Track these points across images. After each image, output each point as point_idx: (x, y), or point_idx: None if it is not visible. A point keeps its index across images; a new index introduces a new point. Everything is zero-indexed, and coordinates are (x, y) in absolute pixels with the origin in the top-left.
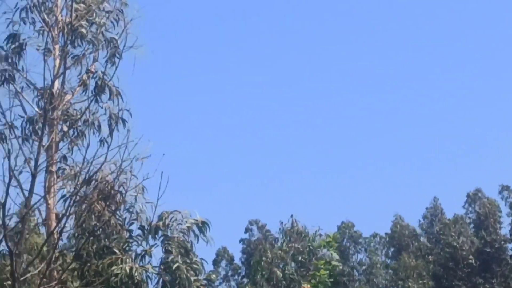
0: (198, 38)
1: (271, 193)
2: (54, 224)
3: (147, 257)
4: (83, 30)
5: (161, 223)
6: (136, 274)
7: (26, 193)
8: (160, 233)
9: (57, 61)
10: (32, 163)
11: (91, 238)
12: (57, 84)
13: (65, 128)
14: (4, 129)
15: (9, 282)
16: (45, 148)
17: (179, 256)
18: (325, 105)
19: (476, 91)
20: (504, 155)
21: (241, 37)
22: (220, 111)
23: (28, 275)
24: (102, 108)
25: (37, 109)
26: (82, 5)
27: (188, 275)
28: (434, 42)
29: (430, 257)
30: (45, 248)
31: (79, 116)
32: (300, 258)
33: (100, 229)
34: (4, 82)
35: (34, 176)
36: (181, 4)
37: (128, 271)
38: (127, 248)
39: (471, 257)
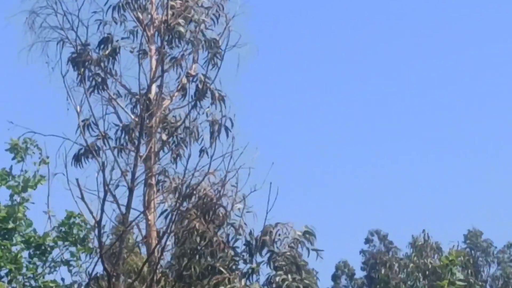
0: (309, 31)
1: (391, 199)
2: (155, 242)
3: (255, 275)
4: (181, 29)
5: (267, 237)
6: None
7: (123, 209)
8: (266, 249)
9: (154, 63)
10: (129, 176)
11: (195, 257)
12: (154, 88)
13: (164, 137)
14: (97, 139)
15: None
16: (142, 159)
17: (289, 274)
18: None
19: None
20: None
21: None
22: (333, 113)
23: None
24: (203, 114)
25: (132, 116)
26: (179, 1)
27: None
28: None
29: None
30: (145, 269)
31: (179, 124)
32: (432, 275)
33: (203, 247)
34: (96, 88)
35: (131, 190)
36: None
37: None
38: (233, 267)
39: None
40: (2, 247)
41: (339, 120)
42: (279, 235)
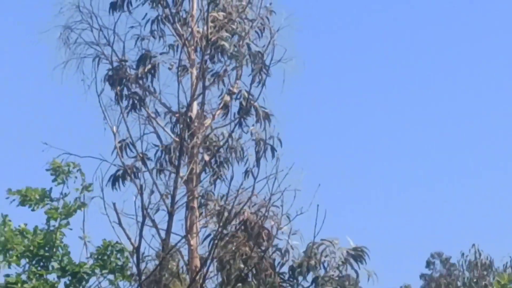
0: (359, 43)
1: (454, 219)
2: (197, 268)
3: None
4: (225, 43)
5: (313, 261)
6: None
7: (163, 234)
8: (311, 273)
9: (195, 80)
10: (169, 199)
11: (240, 284)
12: (195, 106)
13: (206, 157)
14: (135, 161)
15: None
16: (183, 180)
17: None
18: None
19: None
20: None
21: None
22: (386, 128)
23: None
24: (246, 133)
25: (173, 136)
26: (221, 13)
27: None
28: None
29: None
30: None
31: (222, 143)
32: None
33: (249, 274)
34: (134, 107)
35: (171, 214)
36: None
37: None
38: None
39: None
40: (37, 276)
41: (393, 136)
42: (326, 255)
